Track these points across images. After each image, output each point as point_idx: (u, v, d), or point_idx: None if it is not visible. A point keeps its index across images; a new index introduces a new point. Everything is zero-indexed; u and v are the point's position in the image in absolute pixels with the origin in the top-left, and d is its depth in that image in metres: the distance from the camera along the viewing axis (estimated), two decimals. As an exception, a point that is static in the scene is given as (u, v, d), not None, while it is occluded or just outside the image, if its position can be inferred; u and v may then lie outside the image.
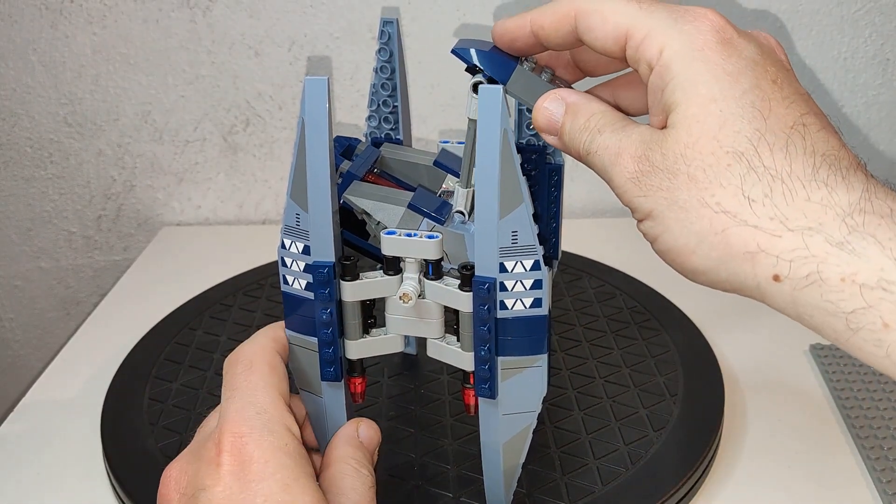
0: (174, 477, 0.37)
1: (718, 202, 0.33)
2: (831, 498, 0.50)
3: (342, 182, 0.45)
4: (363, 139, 0.52)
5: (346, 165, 0.46)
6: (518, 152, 0.51)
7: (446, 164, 0.46)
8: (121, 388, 0.59)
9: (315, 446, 0.44)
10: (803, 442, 0.54)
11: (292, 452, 0.37)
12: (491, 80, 0.40)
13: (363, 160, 0.47)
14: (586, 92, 0.41)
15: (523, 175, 0.37)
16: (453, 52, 0.41)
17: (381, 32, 0.49)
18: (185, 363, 0.61)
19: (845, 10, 0.83)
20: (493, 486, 0.44)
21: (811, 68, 0.85)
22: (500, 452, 0.42)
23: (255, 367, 0.39)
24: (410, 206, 0.42)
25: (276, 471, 0.36)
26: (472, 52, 0.40)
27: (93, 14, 0.83)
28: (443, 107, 0.87)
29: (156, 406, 0.56)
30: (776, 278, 0.32)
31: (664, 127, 0.35)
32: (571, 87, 0.41)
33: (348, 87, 0.86)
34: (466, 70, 0.41)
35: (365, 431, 0.42)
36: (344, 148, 0.48)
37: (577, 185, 0.88)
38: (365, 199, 0.44)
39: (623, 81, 0.42)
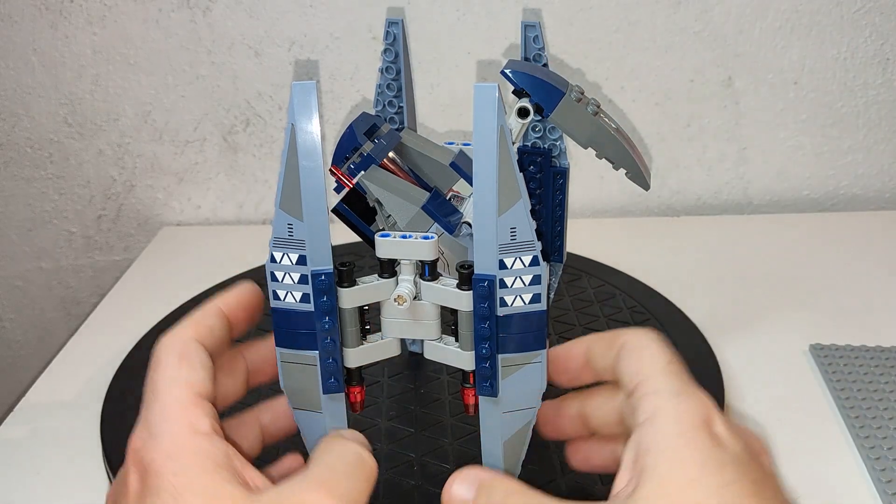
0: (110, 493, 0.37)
1: None
2: (831, 498, 0.50)
3: (360, 162, 0.44)
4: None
5: (368, 146, 0.45)
6: (523, 155, 0.50)
7: (463, 168, 0.45)
8: (121, 388, 0.59)
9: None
10: (803, 442, 0.54)
11: (188, 450, 0.34)
12: (537, 107, 0.40)
13: (384, 145, 0.45)
14: (556, 400, 0.42)
15: (528, 178, 0.37)
16: (502, 73, 0.40)
17: (387, 33, 0.49)
18: (185, 363, 0.61)
19: (845, 10, 0.83)
20: (493, 485, 0.44)
21: (811, 68, 0.85)
22: (501, 451, 0.42)
23: (160, 364, 0.37)
24: (425, 209, 0.42)
25: (168, 479, 0.33)
26: (519, 75, 0.40)
27: (93, 14, 0.83)
28: (442, 107, 0.87)
29: (156, 406, 0.56)
30: None
31: (633, 490, 0.33)
32: (616, 125, 0.40)
33: (348, 88, 0.86)
34: (513, 93, 0.41)
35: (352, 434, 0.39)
36: (369, 126, 0.47)
37: (576, 185, 0.87)
38: (382, 189, 0.43)
39: (596, 392, 0.41)
